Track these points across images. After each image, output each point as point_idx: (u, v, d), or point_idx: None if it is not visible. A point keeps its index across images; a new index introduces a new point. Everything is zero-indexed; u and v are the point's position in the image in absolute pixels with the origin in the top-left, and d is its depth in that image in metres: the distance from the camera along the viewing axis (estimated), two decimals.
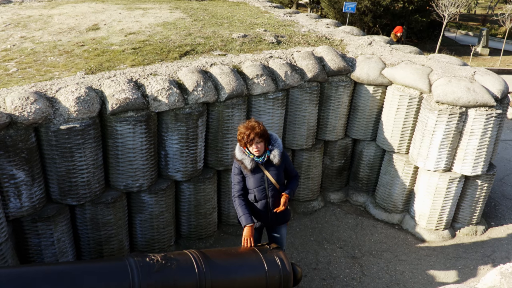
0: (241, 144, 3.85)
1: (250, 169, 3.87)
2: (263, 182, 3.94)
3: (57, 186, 4.26)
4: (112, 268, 3.17)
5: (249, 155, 3.85)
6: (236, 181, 4.01)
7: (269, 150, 3.91)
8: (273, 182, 3.94)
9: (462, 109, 5.21)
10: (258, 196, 3.97)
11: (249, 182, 3.97)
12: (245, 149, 3.87)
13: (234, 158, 3.97)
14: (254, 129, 3.74)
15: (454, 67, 5.77)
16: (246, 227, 3.87)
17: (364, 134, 6.19)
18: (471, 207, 5.89)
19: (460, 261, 5.48)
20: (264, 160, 3.89)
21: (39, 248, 4.27)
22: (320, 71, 5.60)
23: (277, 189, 3.99)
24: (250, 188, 3.99)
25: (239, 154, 3.90)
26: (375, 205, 6.36)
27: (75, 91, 4.12)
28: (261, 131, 3.77)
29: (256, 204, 4.01)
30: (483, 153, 5.39)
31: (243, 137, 3.78)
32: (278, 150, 3.90)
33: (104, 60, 5.12)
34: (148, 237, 5.05)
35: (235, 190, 4.02)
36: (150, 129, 4.54)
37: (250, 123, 3.80)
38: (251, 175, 3.92)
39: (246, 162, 3.87)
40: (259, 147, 3.79)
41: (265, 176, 3.93)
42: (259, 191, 3.95)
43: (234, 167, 4.00)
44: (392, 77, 5.70)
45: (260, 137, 3.77)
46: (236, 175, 4.00)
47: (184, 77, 4.77)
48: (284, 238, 4.28)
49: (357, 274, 5.20)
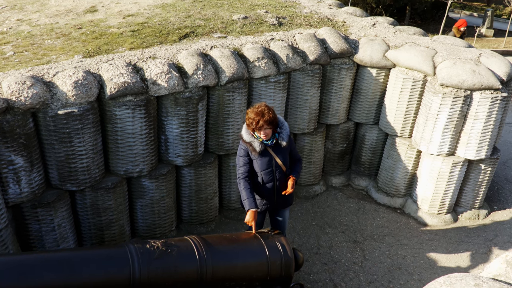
0: (249, 129, 3.80)
1: (259, 151, 3.83)
2: (270, 165, 3.91)
3: (56, 172, 4.22)
4: (112, 255, 3.15)
5: (257, 138, 3.81)
6: (242, 163, 3.95)
7: (277, 133, 3.88)
8: (280, 165, 3.92)
9: (467, 92, 5.12)
10: (265, 179, 3.94)
11: (256, 165, 3.93)
12: (253, 133, 3.81)
13: (240, 140, 3.91)
14: (263, 116, 3.68)
15: (459, 49, 5.66)
16: (249, 211, 3.84)
17: (367, 118, 6.12)
18: (474, 191, 5.84)
19: (462, 245, 5.47)
20: (272, 143, 3.87)
21: (40, 234, 4.25)
22: (322, 53, 5.49)
23: (284, 172, 3.98)
24: (257, 170, 3.95)
25: (247, 136, 3.85)
26: (377, 189, 6.33)
27: (73, 75, 4.04)
28: (271, 119, 3.71)
29: (263, 187, 3.98)
30: (487, 137, 5.32)
31: (251, 122, 3.72)
32: (286, 133, 3.89)
33: (102, 43, 5.03)
34: (149, 222, 5.04)
35: (240, 172, 3.96)
36: (149, 113, 4.47)
37: (259, 108, 3.72)
38: (258, 158, 3.88)
39: (255, 145, 3.82)
40: (267, 132, 3.76)
41: (273, 158, 3.90)
42: (266, 173, 3.92)
43: (240, 148, 3.94)
44: (396, 60, 5.59)
45: (269, 124, 3.71)
46: (242, 156, 3.94)
47: (183, 60, 4.68)
48: (286, 221, 4.30)
49: (359, 259, 5.19)
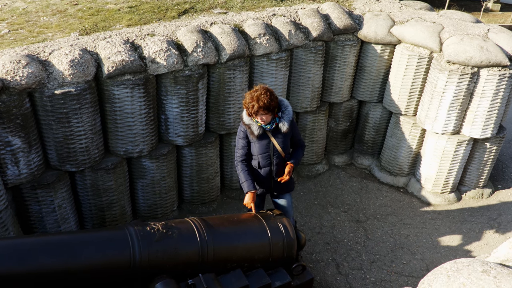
0: (246, 112, 3.69)
1: (257, 135, 3.73)
2: (268, 149, 3.81)
3: (55, 153, 4.16)
4: (112, 238, 3.11)
5: (256, 122, 3.70)
6: (241, 146, 3.87)
7: (278, 117, 3.74)
8: (278, 150, 3.81)
9: (474, 69, 4.99)
10: (262, 163, 3.86)
11: (254, 148, 3.84)
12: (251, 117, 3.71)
13: (241, 121, 3.82)
14: (259, 101, 3.51)
15: (467, 25, 5.49)
16: (248, 194, 3.80)
17: (371, 96, 6.00)
18: (479, 170, 5.77)
19: (465, 225, 5.44)
20: (272, 127, 3.74)
21: (40, 215, 4.23)
22: (325, 29, 5.34)
23: (282, 157, 3.87)
24: (255, 154, 3.86)
25: (246, 118, 3.74)
26: (380, 168, 6.26)
27: (69, 54, 3.93)
28: (266, 104, 3.52)
29: (259, 171, 3.91)
30: (493, 115, 5.21)
31: (247, 106, 3.60)
32: (288, 118, 3.74)
33: (99, 20, 4.89)
34: (150, 202, 5.00)
35: (238, 154, 3.89)
36: (148, 92, 4.37)
37: (256, 93, 3.55)
38: (256, 141, 3.79)
39: (254, 128, 3.72)
40: (264, 118, 3.62)
41: (271, 143, 3.80)
42: (263, 157, 3.83)
43: (240, 130, 3.85)
44: (401, 36, 5.44)
45: (264, 110, 3.55)
46: (241, 139, 3.86)
47: (183, 37, 4.55)
48: (289, 206, 4.18)
49: (361, 238, 5.17)
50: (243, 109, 3.78)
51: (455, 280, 1.73)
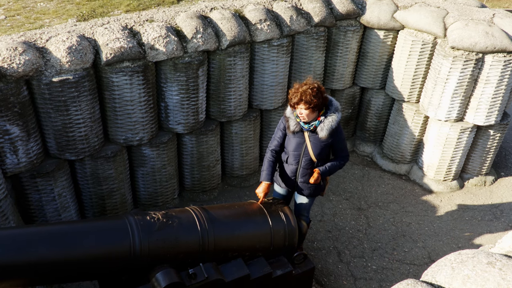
0: (289, 103, 3.53)
1: (292, 131, 3.61)
2: (300, 149, 3.68)
3: (54, 141, 4.12)
4: (111, 228, 3.08)
5: (296, 117, 3.57)
6: (277, 136, 3.78)
7: (320, 120, 3.51)
8: (310, 154, 3.66)
9: (479, 55, 4.91)
10: (290, 160, 3.77)
11: (287, 142, 3.75)
12: (293, 110, 3.57)
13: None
14: (303, 94, 3.36)
15: (472, 9, 5.38)
16: (262, 183, 3.74)
17: (373, 82, 5.92)
18: (482, 158, 5.73)
19: (467, 212, 5.41)
20: (310, 128, 3.55)
21: (40, 204, 4.21)
22: (327, 14, 5.24)
23: (312, 162, 3.71)
24: (287, 148, 3.77)
25: (288, 110, 3.62)
26: (382, 156, 6.22)
27: (66, 40, 3.86)
28: (309, 100, 3.34)
29: (286, 165, 3.84)
30: (497, 102, 5.14)
31: (290, 97, 3.47)
32: (329, 125, 3.49)
33: (97, 5, 4.80)
34: (151, 190, 4.98)
35: (271, 143, 3.82)
36: (148, 80, 4.31)
37: (303, 87, 3.39)
38: (292, 136, 3.67)
39: (291, 123, 3.59)
40: (303, 113, 3.44)
41: (305, 144, 3.66)
42: (293, 155, 3.73)
43: (281, 121, 3.76)
44: (405, 21, 5.34)
45: (305, 104, 3.37)
46: (279, 129, 3.77)
47: (182, 23, 4.47)
48: (305, 207, 4.06)
49: (363, 226, 5.15)
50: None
51: (459, 272, 1.70)
